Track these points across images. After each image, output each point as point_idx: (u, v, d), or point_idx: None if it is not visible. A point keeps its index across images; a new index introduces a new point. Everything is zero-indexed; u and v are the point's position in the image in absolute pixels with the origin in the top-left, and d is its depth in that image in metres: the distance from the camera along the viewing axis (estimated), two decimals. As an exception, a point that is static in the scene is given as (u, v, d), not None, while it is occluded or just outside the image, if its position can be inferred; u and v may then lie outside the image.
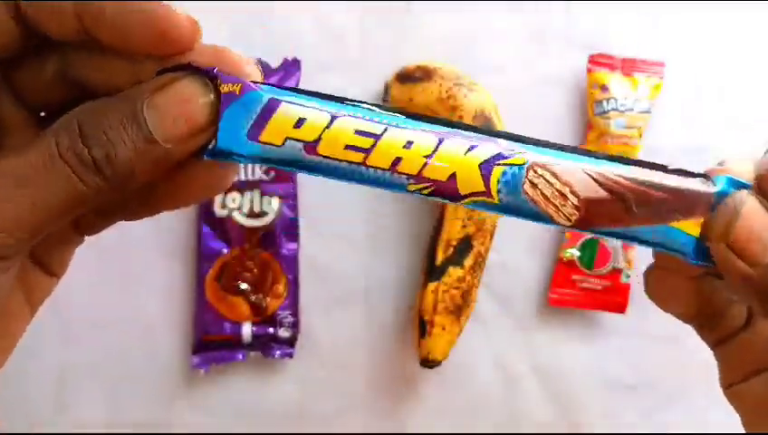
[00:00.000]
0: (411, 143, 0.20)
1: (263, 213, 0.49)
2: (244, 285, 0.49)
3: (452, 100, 0.47)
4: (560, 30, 0.51)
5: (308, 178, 0.49)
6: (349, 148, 0.20)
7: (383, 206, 0.50)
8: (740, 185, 0.21)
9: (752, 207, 0.20)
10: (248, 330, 0.49)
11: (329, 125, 0.20)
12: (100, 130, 0.19)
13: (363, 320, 0.51)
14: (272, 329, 0.49)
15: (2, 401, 0.48)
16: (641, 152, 0.49)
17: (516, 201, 0.20)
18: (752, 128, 0.52)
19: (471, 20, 0.50)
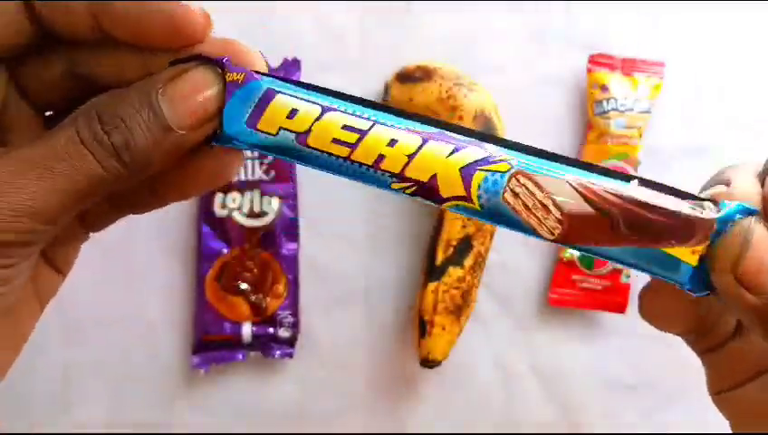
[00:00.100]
0: (395, 141, 0.20)
1: (263, 213, 0.49)
2: (244, 285, 0.49)
3: (452, 100, 0.47)
4: (560, 30, 0.51)
5: (308, 177, 0.50)
6: (336, 141, 0.21)
7: (383, 206, 0.50)
8: (747, 211, 0.19)
9: (761, 236, 0.19)
10: (248, 330, 0.49)
11: (319, 117, 0.21)
12: (118, 117, 0.20)
13: (363, 320, 0.51)
14: (272, 329, 0.49)
15: (2, 400, 0.48)
16: (641, 152, 0.49)
17: (497, 209, 0.20)
18: (752, 128, 0.52)
19: (471, 20, 0.50)
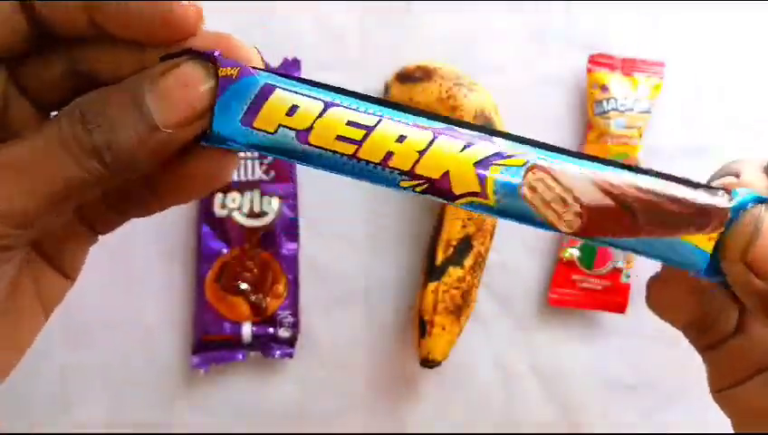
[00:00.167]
0: (404, 137, 0.19)
1: (263, 213, 0.49)
2: (244, 285, 0.49)
3: (452, 100, 0.47)
4: (560, 30, 0.51)
5: (308, 177, 0.50)
6: (340, 138, 0.19)
7: (383, 206, 0.50)
8: (759, 200, 0.19)
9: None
10: (248, 330, 0.49)
11: (321, 114, 0.19)
12: (102, 116, 0.19)
13: (363, 320, 0.51)
14: (272, 329, 0.49)
15: (2, 400, 0.48)
16: (641, 152, 0.49)
17: (514, 205, 0.19)
18: (752, 128, 0.52)
19: (471, 20, 0.50)
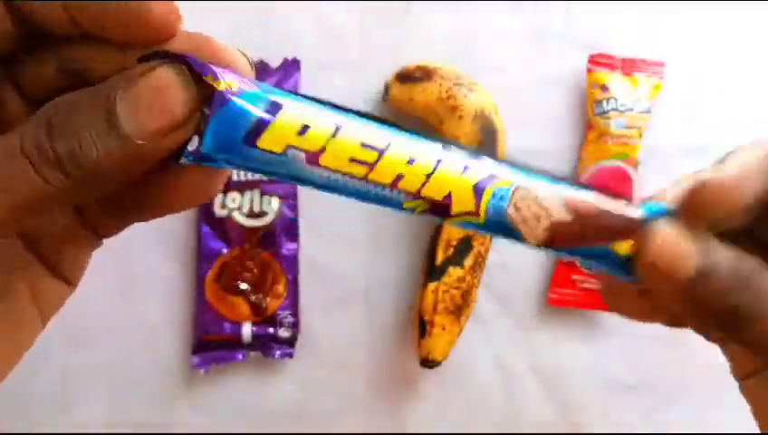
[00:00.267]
0: (413, 160, 0.20)
1: (263, 213, 0.49)
2: (244, 285, 0.49)
3: (452, 100, 0.47)
4: (560, 30, 0.51)
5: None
6: (354, 161, 0.19)
7: (383, 206, 0.50)
8: (658, 212, 0.22)
9: (662, 233, 0.21)
10: (248, 330, 0.49)
11: (335, 134, 0.19)
12: (68, 122, 0.18)
13: (363, 320, 0.51)
14: (272, 329, 0.49)
15: (2, 400, 0.48)
16: (641, 152, 0.49)
17: (499, 222, 0.21)
18: (752, 128, 0.52)
19: (471, 20, 0.50)
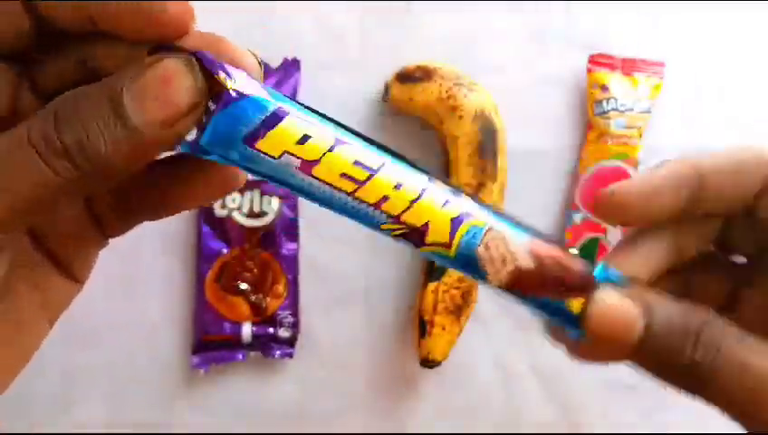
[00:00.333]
0: (401, 185, 0.21)
1: (263, 213, 0.49)
2: (244, 285, 0.49)
3: (452, 100, 0.47)
4: (560, 30, 0.51)
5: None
6: (344, 176, 0.20)
7: (383, 206, 0.50)
8: (613, 277, 0.23)
9: (605, 301, 0.22)
10: (248, 330, 0.49)
11: (331, 148, 0.20)
12: (75, 113, 0.18)
13: (363, 320, 0.51)
14: (272, 329, 0.49)
15: (2, 400, 0.48)
16: (641, 152, 0.49)
17: (468, 258, 0.21)
18: (752, 128, 0.52)
19: (471, 20, 0.50)
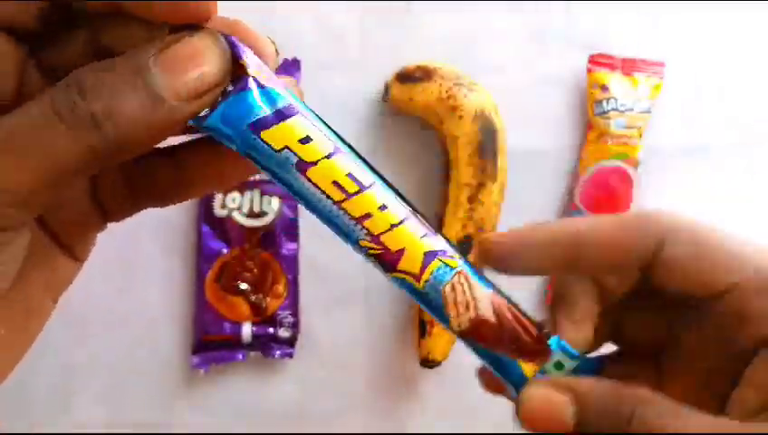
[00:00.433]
0: (386, 207, 0.22)
1: (263, 213, 0.49)
2: (244, 285, 0.49)
3: (452, 100, 0.47)
4: (560, 30, 0.51)
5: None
6: (335, 184, 0.21)
7: (383, 206, 0.50)
8: (567, 351, 0.24)
9: (534, 395, 0.22)
10: (248, 330, 0.49)
11: (329, 156, 0.21)
12: (103, 84, 0.18)
13: (363, 320, 0.51)
14: (272, 329, 0.49)
15: (2, 400, 0.48)
16: (641, 152, 0.49)
17: (434, 294, 0.22)
18: (752, 128, 0.52)
19: (471, 20, 0.50)
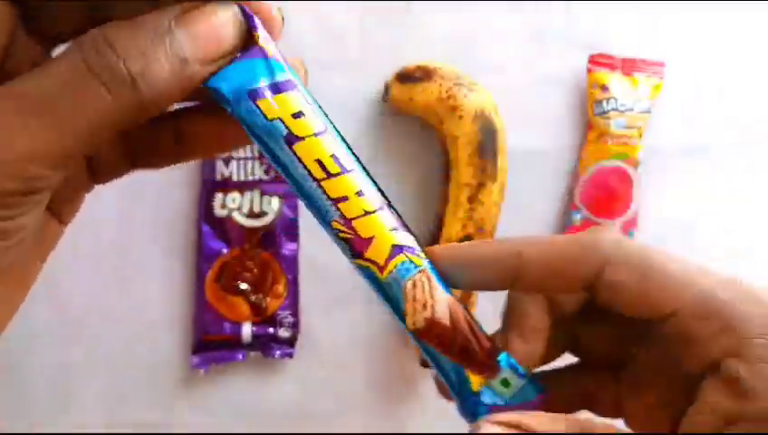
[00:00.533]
0: (362, 193, 0.22)
1: (263, 213, 0.49)
2: (244, 285, 0.49)
3: (452, 100, 0.47)
4: (560, 30, 0.51)
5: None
6: (318, 162, 0.22)
7: (383, 206, 0.50)
8: (514, 368, 0.24)
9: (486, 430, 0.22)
10: (248, 330, 0.49)
11: (317, 134, 0.22)
12: (135, 44, 0.18)
13: (363, 320, 0.51)
14: (272, 329, 0.49)
15: (2, 401, 0.48)
16: (641, 152, 0.49)
17: (395, 287, 0.23)
18: (752, 128, 0.52)
19: (471, 20, 0.50)
